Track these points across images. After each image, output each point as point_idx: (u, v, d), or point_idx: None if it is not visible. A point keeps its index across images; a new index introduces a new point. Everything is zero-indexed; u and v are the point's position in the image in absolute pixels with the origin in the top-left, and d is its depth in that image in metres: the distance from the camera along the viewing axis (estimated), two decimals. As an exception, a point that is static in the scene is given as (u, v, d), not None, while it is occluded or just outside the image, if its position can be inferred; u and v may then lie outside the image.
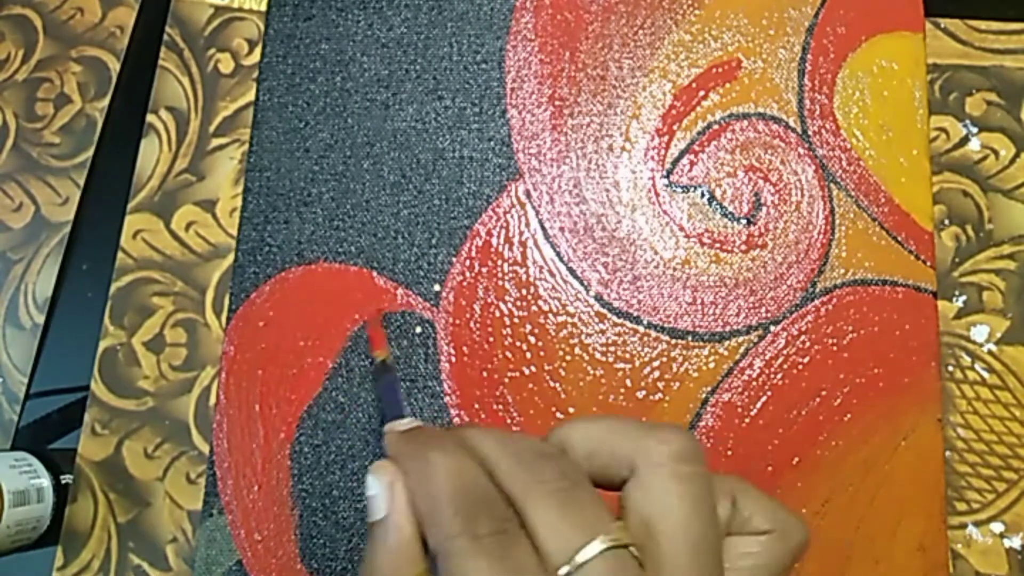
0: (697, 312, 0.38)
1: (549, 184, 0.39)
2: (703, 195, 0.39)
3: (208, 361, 0.38)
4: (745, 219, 0.39)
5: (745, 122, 0.40)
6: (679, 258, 0.38)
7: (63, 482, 0.36)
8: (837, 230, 0.38)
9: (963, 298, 0.38)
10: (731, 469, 0.36)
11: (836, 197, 0.39)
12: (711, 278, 0.38)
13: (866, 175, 0.39)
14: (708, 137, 0.39)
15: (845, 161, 0.39)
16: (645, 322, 0.38)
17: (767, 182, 0.39)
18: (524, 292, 0.38)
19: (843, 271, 0.38)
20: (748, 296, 0.38)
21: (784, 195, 0.39)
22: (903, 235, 0.38)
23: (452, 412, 0.37)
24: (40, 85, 0.42)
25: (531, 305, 0.38)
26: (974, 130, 0.39)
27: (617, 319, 0.38)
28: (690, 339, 0.37)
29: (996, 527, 0.35)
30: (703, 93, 0.40)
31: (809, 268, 0.38)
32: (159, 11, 0.42)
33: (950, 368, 0.37)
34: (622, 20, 0.41)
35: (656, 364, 0.37)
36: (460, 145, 0.40)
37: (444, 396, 0.37)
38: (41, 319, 0.39)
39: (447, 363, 0.37)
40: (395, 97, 0.40)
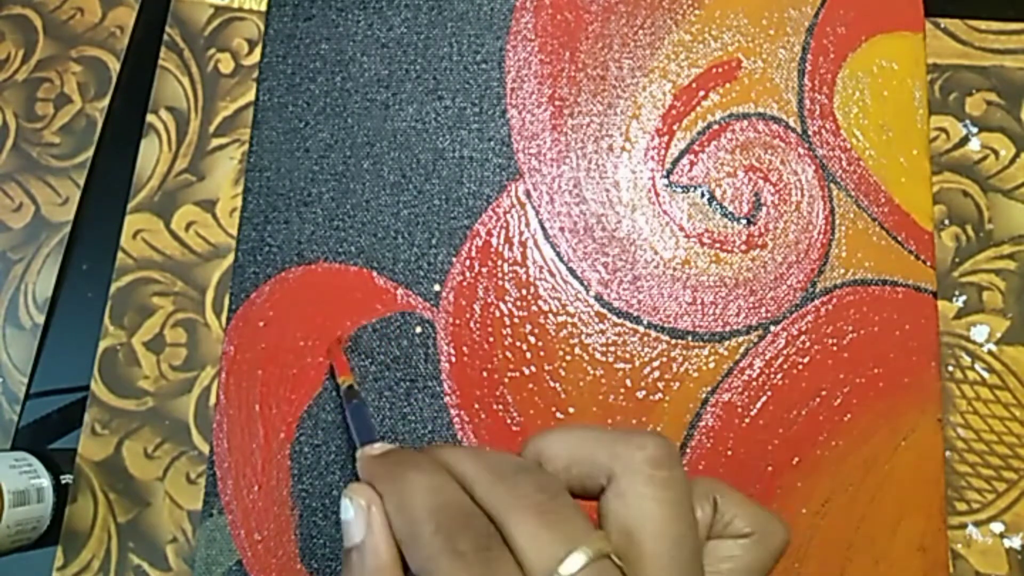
0: (697, 312, 0.38)
1: (549, 184, 0.39)
2: (703, 195, 0.39)
3: (208, 361, 0.38)
4: (745, 219, 0.39)
5: (745, 122, 0.40)
6: (679, 258, 0.38)
7: (63, 482, 0.36)
8: (837, 230, 0.38)
9: (963, 298, 0.38)
10: (731, 469, 0.36)
11: (836, 197, 0.39)
12: (711, 278, 0.38)
13: (866, 175, 0.39)
14: (708, 137, 0.39)
15: (845, 161, 0.39)
16: (645, 322, 0.38)
17: (767, 182, 0.39)
18: (524, 292, 0.38)
19: (843, 271, 0.38)
20: (748, 296, 0.38)
21: (784, 195, 0.39)
22: (903, 235, 0.38)
23: (452, 412, 0.37)
24: (40, 85, 0.42)
25: (531, 305, 0.38)
26: (974, 130, 0.39)
27: (617, 319, 0.38)
28: (690, 339, 0.37)
29: (996, 527, 0.35)
30: (703, 93, 0.40)
31: (809, 268, 0.38)
32: (159, 11, 0.42)
33: (950, 368, 0.37)
34: (622, 20, 0.41)
35: (656, 364, 0.37)
36: (460, 145, 0.40)
37: (444, 396, 0.37)
38: (41, 319, 0.39)
39: (447, 363, 0.37)
40: (395, 97, 0.40)
